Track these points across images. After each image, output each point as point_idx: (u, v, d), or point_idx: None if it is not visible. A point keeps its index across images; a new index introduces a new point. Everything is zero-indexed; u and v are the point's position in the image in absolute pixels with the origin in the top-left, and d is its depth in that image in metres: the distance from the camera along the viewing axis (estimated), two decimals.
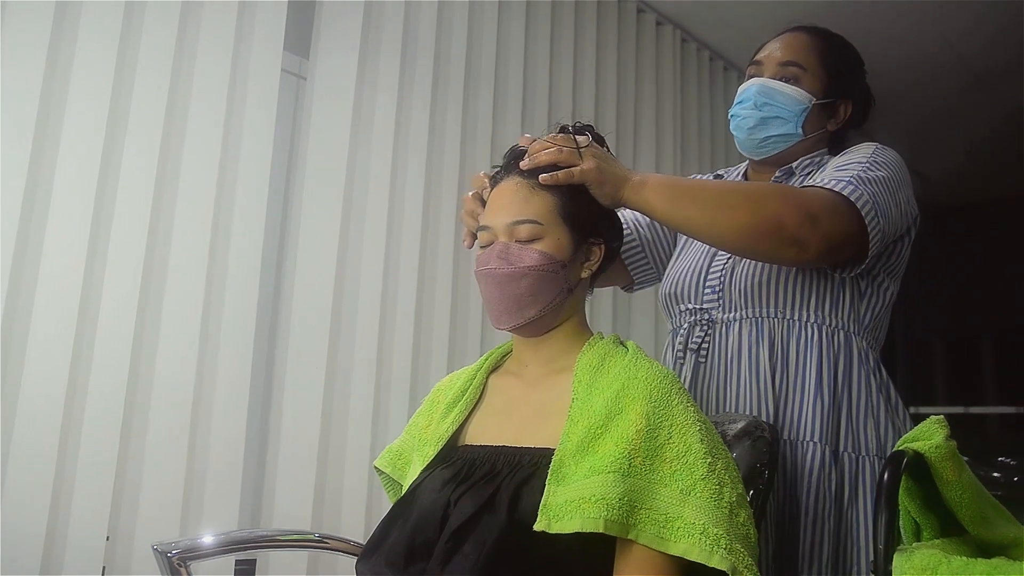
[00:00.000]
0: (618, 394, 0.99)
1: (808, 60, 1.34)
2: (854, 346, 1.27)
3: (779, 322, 1.27)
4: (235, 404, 1.75)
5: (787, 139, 1.34)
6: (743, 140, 1.37)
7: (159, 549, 1.18)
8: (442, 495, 1.01)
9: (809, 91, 1.32)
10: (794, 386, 1.25)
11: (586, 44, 2.70)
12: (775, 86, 1.33)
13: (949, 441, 0.98)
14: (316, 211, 1.95)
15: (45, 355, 1.50)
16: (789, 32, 1.38)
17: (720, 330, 1.31)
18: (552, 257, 1.06)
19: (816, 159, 1.35)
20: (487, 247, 1.09)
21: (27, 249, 1.52)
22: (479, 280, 1.11)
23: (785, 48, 1.35)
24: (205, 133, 1.76)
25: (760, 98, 1.33)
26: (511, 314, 1.07)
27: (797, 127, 1.32)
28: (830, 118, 1.36)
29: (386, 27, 2.14)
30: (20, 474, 1.45)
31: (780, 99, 1.32)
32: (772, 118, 1.33)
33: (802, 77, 1.33)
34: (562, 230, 1.08)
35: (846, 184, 1.16)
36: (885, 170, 1.22)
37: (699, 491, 0.91)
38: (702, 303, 1.34)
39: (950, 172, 4.43)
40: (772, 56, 1.35)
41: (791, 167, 1.35)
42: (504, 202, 1.09)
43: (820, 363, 1.24)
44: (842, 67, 1.36)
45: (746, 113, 1.34)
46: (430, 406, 1.21)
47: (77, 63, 1.59)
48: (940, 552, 0.87)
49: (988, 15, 2.90)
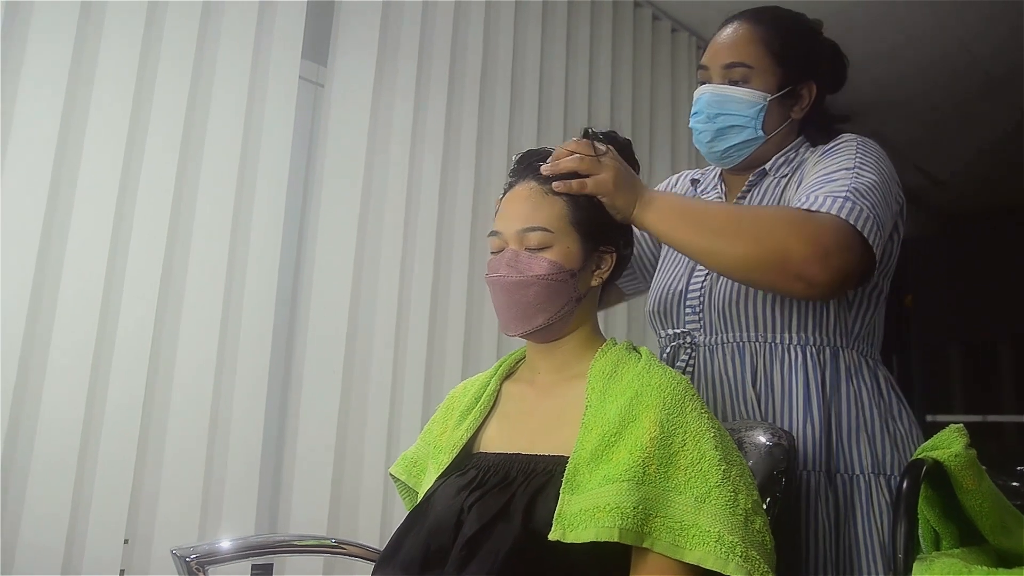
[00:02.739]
0: (632, 401, 0.99)
1: (754, 55, 1.24)
2: (841, 361, 1.23)
3: (761, 346, 1.23)
4: (252, 410, 1.76)
5: (750, 144, 1.27)
6: (707, 154, 1.32)
7: (178, 553, 1.19)
8: (456, 502, 1.01)
9: (762, 88, 1.24)
10: (781, 414, 1.21)
11: (601, 49, 2.71)
12: (724, 92, 1.25)
13: (969, 450, 0.98)
14: (333, 219, 1.96)
15: (66, 360, 1.52)
16: (729, 26, 1.29)
17: (704, 354, 1.28)
18: (561, 266, 1.06)
19: (790, 155, 1.29)
20: (498, 253, 1.10)
21: (50, 253, 1.54)
22: (489, 287, 1.11)
23: (728, 48, 1.26)
24: (224, 141, 1.78)
25: (712, 108, 1.26)
26: (519, 321, 1.08)
27: (757, 130, 1.25)
28: (793, 106, 1.28)
29: (403, 34, 2.15)
30: (42, 479, 1.47)
31: (732, 106, 1.25)
32: (728, 127, 1.26)
33: (751, 76, 1.24)
34: (572, 238, 1.07)
35: (843, 202, 1.10)
36: (875, 172, 1.16)
37: (714, 498, 0.91)
38: (684, 325, 1.31)
39: (966, 176, 4.39)
40: (716, 58, 1.27)
41: (764, 169, 1.29)
42: (515, 208, 1.09)
43: (807, 386, 1.20)
44: (793, 51, 1.26)
45: (702, 127, 1.28)
46: (444, 413, 1.21)
47: (99, 71, 1.61)
48: (960, 562, 0.87)
49: (1002, 17, 2.88)
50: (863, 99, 3.41)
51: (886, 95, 3.43)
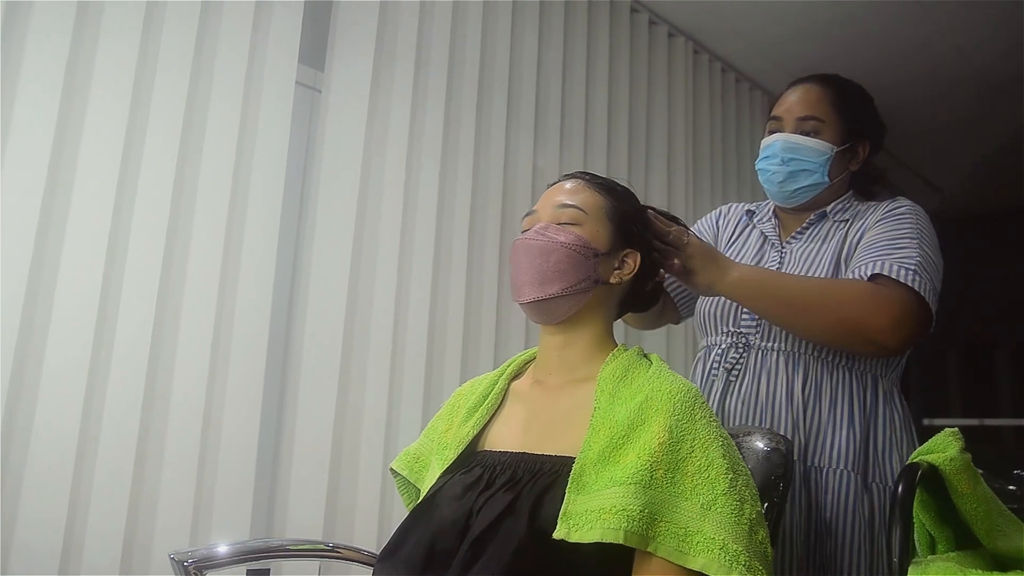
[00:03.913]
0: (641, 406, 0.99)
1: (825, 112, 1.41)
2: (880, 387, 1.35)
3: (815, 360, 1.35)
4: (248, 413, 1.76)
5: (816, 188, 1.42)
6: (775, 192, 1.46)
7: (176, 558, 1.19)
8: (464, 503, 1.01)
9: (829, 141, 1.41)
10: (828, 418, 1.32)
11: (598, 54, 2.71)
12: (798, 140, 1.41)
13: (964, 453, 0.98)
14: (330, 223, 1.96)
15: (62, 364, 1.51)
16: (803, 85, 1.46)
17: (756, 355, 1.38)
18: (587, 241, 1.09)
19: (846, 203, 1.44)
20: (528, 230, 1.13)
21: (46, 257, 1.53)
22: (512, 253, 1.13)
23: (802, 103, 1.43)
24: (221, 145, 1.78)
25: (786, 153, 1.41)
26: (533, 286, 1.08)
27: (824, 175, 1.41)
28: (851, 159, 1.45)
29: (400, 39, 2.15)
30: (39, 485, 1.46)
31: (804, 153, 1.40)
32: (799, 171, 1.41)
33: (821, 129, 1.41)
34: (603, 225, 1.11)
35: (914, 275, 1.24)
36: (933, 248, 1.32)
37: (720, 506, 0.91)
38: (740, 327, 1.41)
39: (966, 182, 4.40)
40: (791, 111, 1.43)
41: (825, 211, 1.44)
42: (556, 191, 1.15)
43: (852, 401, 1.32)
44: (855, 112, 1.44)
45: (774, 168, 1.42)
46: (450, 410, 1.21)
47: (96, 76, 1.61)
48: (955, 565, 0.87)
49: (1003, 25, 2.90)
50: None
51: (886, 102, 3.43)
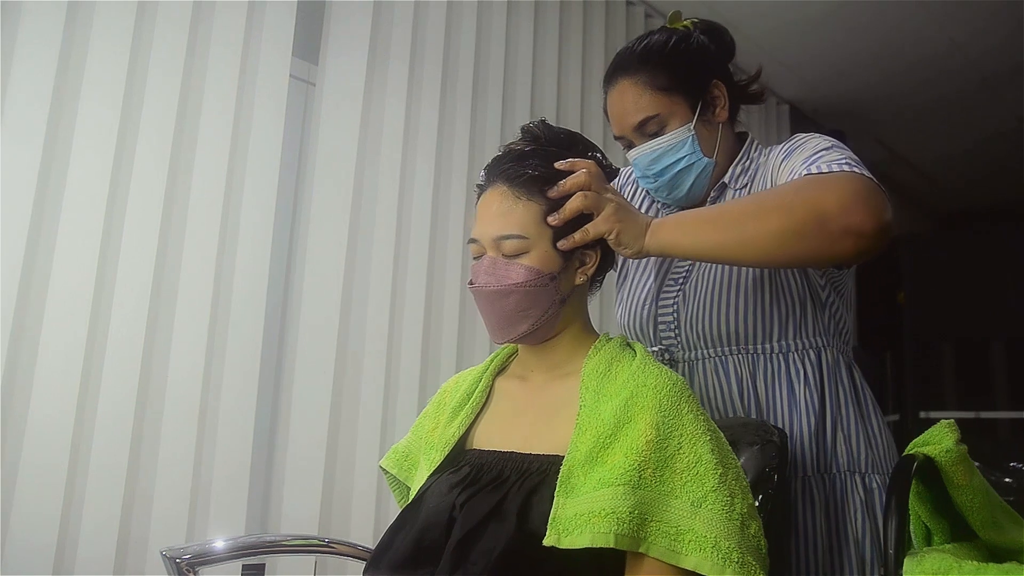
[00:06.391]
0: (627, 402, 0.98)
1: (651, 101, 1.24)
2: (824, 361, 1.24)
3: (743, 358, 1.24)
4: (243, 409, 1.75)
5: (705, 173, 1.27)
6: (673, 201, 1.31)
7: (168, 554, 1.18)
8: (447, 499, 1.01)
9: (680, 122, 1.24)
10: (789, 413, 1.22)
11: (594, 47, 2.71)
12: (654, 147, 1.25)
13: (960, 445, 0.98)
14: (325, 217, 1.96)
15: (56, 361, 1.51)
16: (614, 88, 1.28)
17: (683, 370, 1.28)
18: (539, 271, 1.03)
19: (745, 164, 1.29)
20: (478, 259, 1.08)
21: (39, 254, 1.53)
22: (472, 295, 1.10)
23: (628, 110, 1.25)
24: (214, 138, 1.77)
25: (651, 167, 1.26)
26: (504, 330, 1.07)
27: (699, 156, 1.25)
28: (714, 112, 1.27)
29: (395, 32, 2.14)
30: (32, 482, 1.46)
31: (667, 155, 1.25)
32: (677, 172, 1.26)
33: (664, 119, 1.24)
34: (549, 241, 1.05)
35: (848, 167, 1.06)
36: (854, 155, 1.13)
37: (710, 503, 0.90)
38: (660, 342, 1.30)
39: (959, 175, 4.41)
40: (624, 124, 1.26)
41: (723, 182, 1.29)
42: (490, 214, 1.06)
43: (791, 391, 1.22)
44: (679, 73, 1.25)
45: (653, 185, 1.29)
46: (436, 408, 1.20)
47: (88, 69, 1.60)
48: (951, 557, 0.87)
49: (996, 18, 2.90)
50: (857, 98, 3.42)
51: (880, 94, 3.43)
